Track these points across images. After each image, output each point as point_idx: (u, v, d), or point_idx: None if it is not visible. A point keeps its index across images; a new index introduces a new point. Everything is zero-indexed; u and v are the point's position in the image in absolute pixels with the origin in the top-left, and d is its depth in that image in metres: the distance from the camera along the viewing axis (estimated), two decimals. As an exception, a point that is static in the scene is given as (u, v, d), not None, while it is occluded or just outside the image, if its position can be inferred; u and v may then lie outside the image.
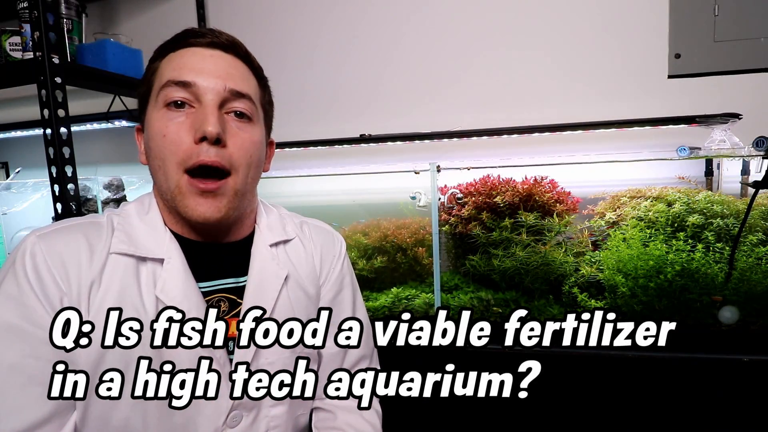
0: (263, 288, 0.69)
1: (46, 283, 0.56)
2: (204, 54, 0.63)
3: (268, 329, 0.67)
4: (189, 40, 0.63)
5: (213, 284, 0.67)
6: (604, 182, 1.53)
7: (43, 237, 0.58)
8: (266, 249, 0.72)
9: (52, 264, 0.56)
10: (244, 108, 0.64)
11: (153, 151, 0.62)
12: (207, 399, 0.62)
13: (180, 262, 0.63)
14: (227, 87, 0.62)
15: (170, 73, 0.61)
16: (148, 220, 0.65)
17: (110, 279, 0.59)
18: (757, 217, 1.24)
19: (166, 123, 0.60)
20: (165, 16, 1.93)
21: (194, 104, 0.61)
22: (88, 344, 0.56)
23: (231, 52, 0.65)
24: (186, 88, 0.60)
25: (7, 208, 1.94)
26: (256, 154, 0.66)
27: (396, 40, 1.70)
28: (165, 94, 0.61)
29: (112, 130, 1.96)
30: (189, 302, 0.61)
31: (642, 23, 1.48)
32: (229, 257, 0.69)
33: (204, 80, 0.61)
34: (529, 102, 1.60)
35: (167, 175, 0.61)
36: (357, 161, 1.75)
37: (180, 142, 0.60)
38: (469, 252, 1.45)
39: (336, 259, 0.81)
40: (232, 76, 0.63)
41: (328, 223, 0.87)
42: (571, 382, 1.21)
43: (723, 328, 1.18)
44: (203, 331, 0.61)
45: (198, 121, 0.60)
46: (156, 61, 0.65)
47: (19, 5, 1.25)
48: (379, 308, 1.43)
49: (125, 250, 0.61)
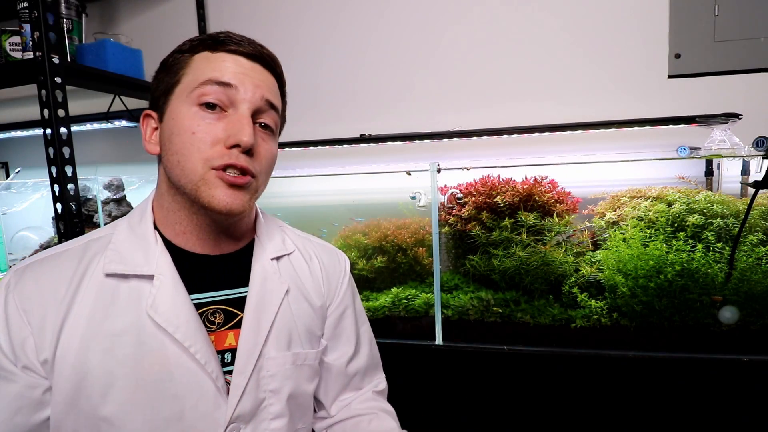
0: (265, 300, 0.68)
1: (11, 323, 0.57)
2: (244, 63, 0.63)
3: (269, 340, 0.67)
4: (230, 47, 0.63)
5: (208, 296, 0.66)
6: (604, 182, 1.52)
7: (19, 273, 0.60)
8: (268, 262, 0.71)
9: (19, 302, 0.58)
10: (270, 121, 0.66)
11: (175, 146, 0.61)
12: (203, 413, 0.61)
13: (170, 276, 0.62)
14: (264, 96, 0.63)
15: (211, 72, 0.61)
16: (140, 232, 0.65)
17: (88, 304, 0.59)
18: (757, 217, 1.24)
19: (198, 122, 0.60)
20: (165, 16, 1.93)
21: (227, 109, 0.61)
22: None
23: (268, 68, 0.66)
24: (225, 90, 0.61)
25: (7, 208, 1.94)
26: (272, 164, 0.68)
27: (396, 40, 1.70)
28: (202, 91, 0.60)
29: (112, 130, 1.96)
30: (179, 317, 0.61)
31: (642, 23, 1.48)
32: (225, 268, 0.68)
33: (245, 87, 0.62)
34: (530, 102, 1.60)
35: (190, 169, 0.60)
36: (357, 161, 1.75)
37: (210, 143, 0.60)
38: (469, 252, 1.45)
39: (342, 277, 0.81)
40: (268, 87, 0.65)
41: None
42: (571, 382, 1.21)
43: (723, 328, 1.18)
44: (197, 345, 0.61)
45: (234, 129, 0.60)
46: (187, 53, 0.64)
47: (19, 5, 1.25)
48: (379, 308, 1.43)
49: (114, 270, 0.61)
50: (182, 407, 0.60)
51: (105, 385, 0.57)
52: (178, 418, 0.60)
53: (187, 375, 0.60)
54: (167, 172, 0.63)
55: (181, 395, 0.60)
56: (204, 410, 0.61)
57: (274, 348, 0.67)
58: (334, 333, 0.79)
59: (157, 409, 0.59)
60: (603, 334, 1.25)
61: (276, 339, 0.68)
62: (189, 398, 0.60)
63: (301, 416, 0.72)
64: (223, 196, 0.60)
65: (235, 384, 0.63)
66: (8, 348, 0.56)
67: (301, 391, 0.71)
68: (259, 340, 0.66)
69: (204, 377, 0.61)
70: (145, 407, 0.58)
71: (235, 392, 0.63)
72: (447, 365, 1.30)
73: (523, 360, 1.24)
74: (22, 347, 0.56)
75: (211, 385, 0.61)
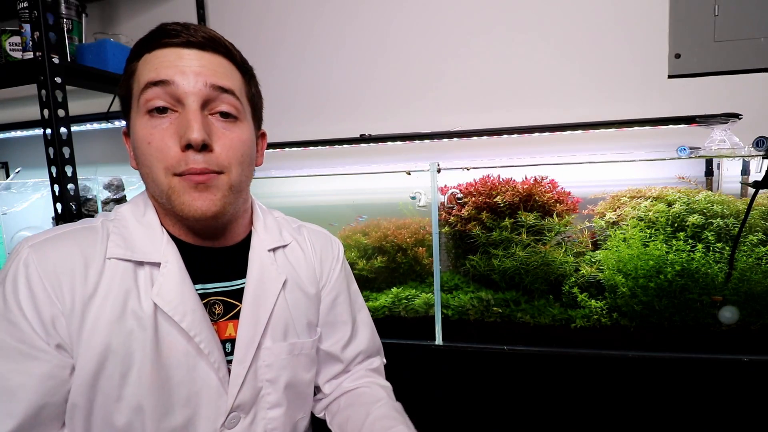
0: (262, 291, 0.69)
1: (39, 300, 0.55)
2: (181, 53, 0.59)
3: (266, 331, 0.68)
4: (163, 41, 0.60)
5: (208, 287, 0.67)
6: (604, 182, 1.52)
7: (36, 248, 0.57)
8: (265, 253, 0.71)
9: (45, 278, 0.55)
10: (228, 107, 0.61)
11: (140, 159, 0.60)
12: (206, 401, 0.62)
13: (177, 265, 0.62)
14: (208, 83, 0.59)
15: (147, 75, 0.59)
16: (145, 222, 0.64)
17: (108, 286, 0.58)
18: (757, 217, 1.24)
19: (150, 131, 0.58)
20: (165, 16, 1.93)
21: (177, 108, 0.59)
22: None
23: (210, 50, 0.61)
24: (165, 89, 0.58)
25: (7, 208, 1.94)
26: (246, 153, 0.64)
27: (397, 39, 1.70)
28: (145, 98, 0.58)
29: (112, 130, 1.96)
30: (185, 306, 0.61)
31: (642, 23, 1.48)
32: (225, 260, 0.69)
33: (183, 79, 0.58)
34: (529, 102, 1.60)
35: (157, 181, 0.59)
36: (357, 161, 1.75)
37: (166, 149, 0.58)
38: (469, 252, 1.45)
39: (335, 261, 0.82)
40: (213, 72, 0.60)
41: (328, 223, 0.87)
42: (571, 382, 1.21)
43: (723, 328, 1.18)
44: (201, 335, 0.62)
45: (182, 128, 0.58)
46: (133, 62, 0.62)
47: (19, 5, 1.25)
48: (379, 308, 1.43)
49: (122, 255, 0.60)
50: (188, 394, 0.61)
51: (126, 366, 0.58)
52: (184, 404, 0.61)
53: (192, 362, 0.61)
54: (144, 184, 0.63)
55: (185, 382, 0.61)
56: (207, 398, 0.62)
57: (270, 338, 0.68)
58: (328, 319, 0.79)
59: (168, 393, 0.60)
60: (603, 334, 1.25)
61: (273, 329, 0.69)
62: (193, 386, 0.61)
63: (301, 405, 0.74)
64: (192, 200, 0.59)
65: (235, 374, 0.64)
66: (39, 326, 0.55)
67: (299, 380, 0.72)
68: (258, 330, 0.67)
69: (207, 367, 0.62)
70: (157, 390, 0.59)
71: (235, 382, 0.64)
72: (447, 365, 1.30)
73: (523, 360, 1.24)
74: (53, 324, 0.55)
75: (213, 375, 0.62)
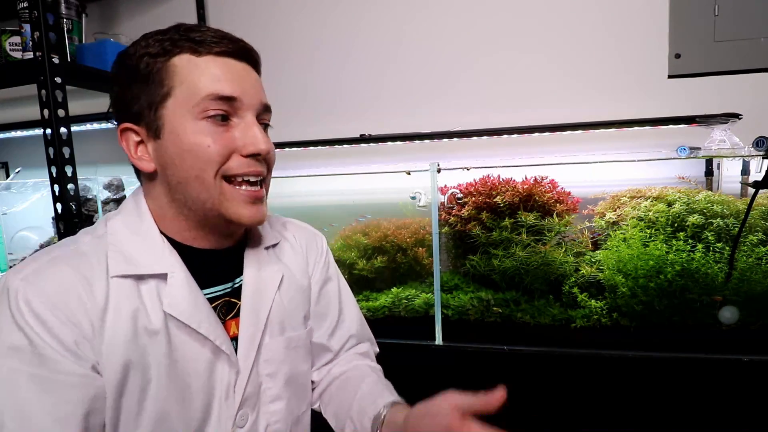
0: (260, 289, 0.70)
1: (53, 327, 0.52)
2: (236, 67, 0.62)
3: (266, 328, 0.69)
4: (215, 48, 0.60)
5: (215, 290, 0.67)
6: (604, 182, 1.52)
7: (29, 280, 0.53)
8: (261, 251, 0.73)
9: (52, 308, 0.53)
10: (269, 120, 0.67)
11: (188, 162, 0.59)
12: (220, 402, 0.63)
13: (183, 274, 0.62)
14: (262, 101, 0.64)
15: (211, 86, 0.59)
16: (142, 232, 0.62)
17: (117, 303, 0.57)
18: (757, 217, 1.24)
19: (212, 136, 0.59)
20: (165, 16, 1.93)
21: (233, 117, 0.62)
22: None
23: (253, 65, 0.66)
24: (228, 103, 0.60)
25: (7, 208, 1.94)
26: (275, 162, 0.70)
27: (397, 40, 1.70)
28: (206, 106, 0.59)
29: (112, 130, 1.94)
30: (200, 313, 0.61)
31: (642, 23, 1.48)
32: (226, 260, 0.70)
33: (247, 96, 0.62)
34: (529, 102, 1.60)
35: (204, 186, 0.60)
36: (357, 161, 1.75)
37: (225, 155, 0.60)
38: (469, 252, 1.45)
39: (319, 255, 0.84)
40: (259, 89, 0.65)
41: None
42: (571, 382, 1.21)
43: (723, 328, 1.18)
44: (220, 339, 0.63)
45: (248, 137, 0.61)
46: (163, 58, 0.59)
47: (19, 5, 1.25)
48: (379, 308, 1.43)
49: (124, 271, 0.58)
50: (207, 399, 0.62)
51: (145, 381, 0.58)
52: (203, 409, 0.62)
53: (210, 368, 0.62)
54: (173, 190, 0.61)
55: (203, 389, 0.62)
56: (220, 400, 0.63)
57: (269, 334, 0.69)
58: (316, 309, 0.81)
59: (188, 402, 0.61)
60: (603, 334, 1.25)
61: (271, 325, 0.70)
62: (211, 390, 0.62)
63: (301, 398, 0.75)
64: (247, 212, 0.63)
65: (240, 371, 0.65)
66: (66, 352, 0.53)
67: (298, 373, 0.74)
68: (259, 327, 0.68)
69: (225, 368, 0.64)
70: (176, 401, 0.60)
71: (241, 378, 0.65)
72: (447, 365, 1.30)
73: (523, 360, 1.24)
74: (78, 348, 0.53)
75: (233, 376, 0.64)
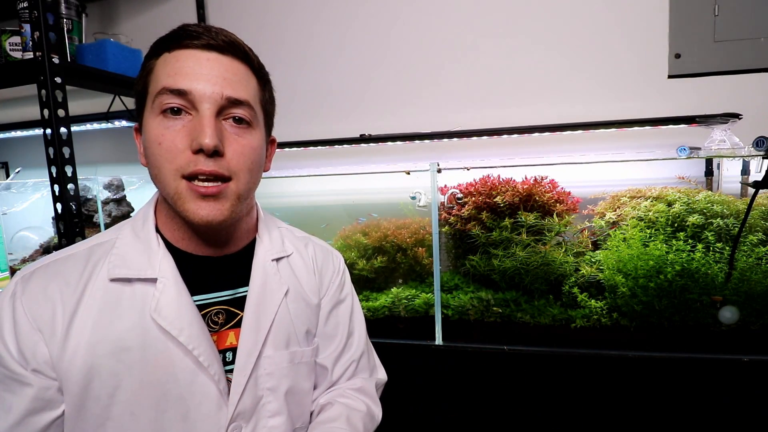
0: (264, 300, 0.68)
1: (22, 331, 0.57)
2: (200, 57, 0.59)
3: (267, 340, 0.67)
4: (184, 42, 0.59)
5: (212, 296, 0.67)
6: (604, 182, 1.52)
7: (23, 281, 0.60)
8: (268, 263, 0.71)
9: (28, 310, 0.58)
10: (242, 114, 0.62)
11: (151, 158, 0.61)
12: (206, 414, 0.62)
13: (173, 280, 0.62)
14: (224, 95, 0.59)
15: (165, 79, 0.58)
16: (143, 236, 0.64)
17: (88, 308, 0.59)
18: (757, 217, 1.24)
19: (162, 131, 0.59)
20: (165, 16, 1.93)
21: (191, 111, 0.59)
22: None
23: (228, 54, 0.61)
24: (182, 96, 0.58)
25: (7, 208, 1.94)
26: (256, 160, 0.64)
27: (397, 40, 1.70)
28: (160, 100, 0.59)
29: (112, 130, 1.96)
30: (182, 320, 0.61)
31: (642, 23, 1.48)
32: (228, 269, 0.69)
33: (200, 87, 0.58)
34: (530, 102, 1.60)
35: (165, 182, 0.60)
36: (357, 161, 1.75)
37: (176, 150, 0.58)
38: (469, 252, 1.45)
39: (335, 274, 0.82)
40: (230, 81, 0.60)
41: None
42: (571, 382, 1.21)
43: (723, 328, 1.18)
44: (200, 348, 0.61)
45: (195, 132, 0.58)
46: (151, 60, 0.62)
47: (19, 5, 1.25)
48: (379, 308, 1.43)
49: (116, 275, 0.61)
50: (186, 408, 0.61)
51: (112, 387, 0.58)
52: (182, 419, 0.61)
53: (190, 377, 0.61)
54: (153, 182, 0.63)
55: (185, 397, 0.61)
56: (207, 411, 0.62)
57: (272, 347, 0.68)
58: (325, 330, 0.79)
59: (162, 409, 0.60)
60: (603, 334, 1.25)
61: (274, 338, 0.68)
62: (192, 399, 0.61)
63: (300, 414, 0.73)
64: (198, 209, 0.59)
65: (235, 382, 0.64)
66: (17, 353, 0.57)
67: (299, 389, 0.71)
68: (259, 339, 0.66)
69: (207, 380, 0.62)
70: (150, 408, 0.59)
71: (236, 390, 0.64)
72: (447, 365, 1.30)
73: (523, 360, 1.24)
74: (32, 352, 0.57)
75: (213, 387, 0.62)
